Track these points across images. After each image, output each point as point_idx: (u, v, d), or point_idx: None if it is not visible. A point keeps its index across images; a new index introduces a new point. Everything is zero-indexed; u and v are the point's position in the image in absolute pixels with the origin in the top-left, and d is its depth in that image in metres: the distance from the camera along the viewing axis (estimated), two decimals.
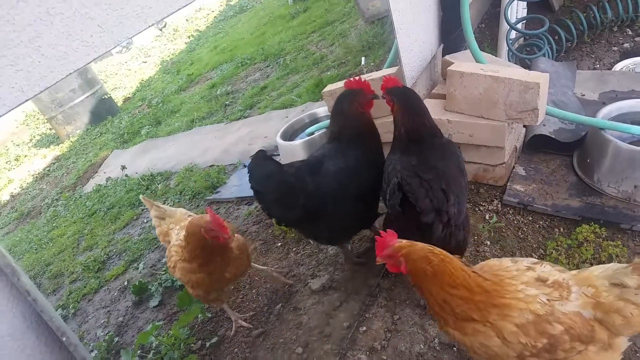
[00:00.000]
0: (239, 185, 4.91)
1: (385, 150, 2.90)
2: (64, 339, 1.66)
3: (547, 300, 1.72)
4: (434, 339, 2.62)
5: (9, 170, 9.64)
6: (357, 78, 2.89)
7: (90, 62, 1.74)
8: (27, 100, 1.58)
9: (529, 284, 1.77)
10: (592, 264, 2.70)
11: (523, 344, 1.69)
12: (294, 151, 4.35)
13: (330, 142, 2.95)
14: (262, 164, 2.82)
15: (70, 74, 1.67)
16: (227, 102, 7.56)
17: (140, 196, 3.49)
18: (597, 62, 4.43)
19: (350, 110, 2.83)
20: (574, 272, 1.85)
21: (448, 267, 1.76)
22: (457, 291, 1.76)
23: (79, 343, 1.70)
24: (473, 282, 1.77)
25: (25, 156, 10.01)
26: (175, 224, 3.15)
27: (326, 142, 2.99)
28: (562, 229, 3.01)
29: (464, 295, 1.75)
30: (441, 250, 1.82)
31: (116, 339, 3.67)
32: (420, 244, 1.84)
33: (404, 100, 2.65)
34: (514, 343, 1.70)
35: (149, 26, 1.87)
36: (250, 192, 4.50)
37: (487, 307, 1.75)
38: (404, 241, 1.86)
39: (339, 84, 3.72)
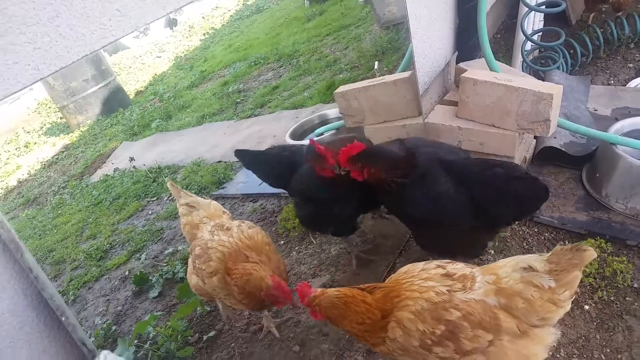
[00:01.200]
0: (245, 182, 4.92)
1: None
2: (63, 318, 1.65)
3: (447, 290, 1.78)
4: None
5: (18, 157, 9.70)
6: (322, 146, 2.77)
7: (107, 45, 1.75)
8: (41, 79, 1.59)
9: (431, 279, 1.85)
10: (595, 279, 2.68)
11: (421, 331, 1.74)
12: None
13: None
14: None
15: (86, 55, 1.68)
16: (238, 100, 7.58)
17: (168, 182, 3.33)
18: (612, 78, 4.41)
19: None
20: (485, 265, 1.93)
21: (352, 308, 1.88)
22: (363, 326, 1.88)
23: (77, 324, 1.70)
24: (375, 307, 1.88)
25: (35, 143, 10.07)
26: (209, 219, 2.94)
27: None
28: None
29: (371, 323, 1.87)
30: (346, 292, 1.93)
31: (114, 327, 3.67)
32: (329, 291, 1.97)
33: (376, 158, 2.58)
34: (413, 330, 1.76)
35: (167, 13, 1.87)
36: (256, 190, 4.58)
37: (389, 312, 1.84)
38: (318, 290, 2.00)
39: (352, 86, 3.74)
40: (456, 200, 2.42)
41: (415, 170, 2.48)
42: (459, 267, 1.90)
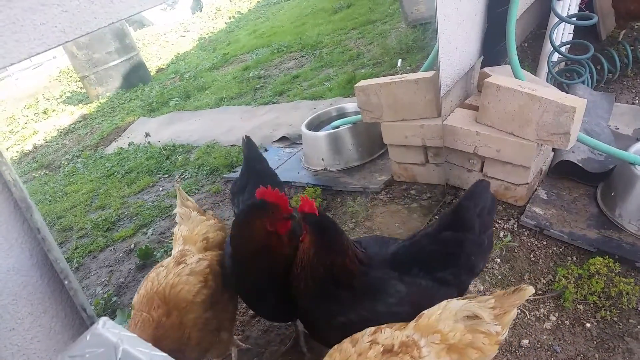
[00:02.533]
0: None
1: None
2: (66, 282, 1.67)
3: None
4: None
5: (35, 122, 9.78)
6: (274, 190, 2.21)
7: (134, 14, 1.74)
8: (66, 42, 1.59)
9: None
10: (600, 298, 2.65)
11: None
12: (317, 142, 4.36)
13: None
14: None
15: (112, 23, 1.68)
16: (257, 86, 7.57)
17: (176, 184, 3.10)
18: (637, 98, 4.33)
19: (253, 226, 2.16)
20: (412, 323, 1.70)
21: None
22: None
23: (79, 289, 1.71)
24: None
25: (54, 111, 10.14)
26: (184, 242, 2.55)
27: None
28: (574, 258, 2.96)
29: None
30: None
31: (114, 298, 3.70)
32: None
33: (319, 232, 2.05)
34: None
35: None
36: None
37: None
38: None
39: (373, 81, 3.71)
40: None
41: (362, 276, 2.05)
42: (389, 336, 1.66)
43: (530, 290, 1.64)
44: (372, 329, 1.72)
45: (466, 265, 2.09)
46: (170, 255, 3.81)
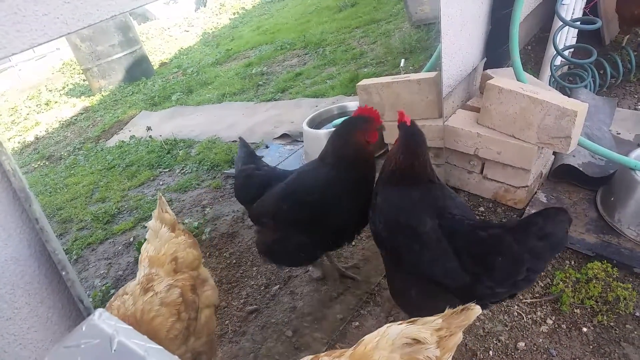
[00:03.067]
0: None
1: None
2: (63, 273, 1.67)
3: None
4: None
5: (37, 113, 9.79)
6: (370, 107, 2.64)
7: (137, 7, 1.74)
8: (68, 34, 1.59)
9: None
10: (597, 303, 2.65)
11: None
12: (318, 139, 4.36)
13: (320, 163, 2.72)
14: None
15: (114, 15, 1.67)
16: (260, 83, 7.58)
17: (159, 193, 2.82)
18: (639, 103, 4.33)
19: (354, 137, 2.58)
20: (349, 351, 1.59)
21: None
22: None
23: (77, 280, 1.71)
24: None
25: (56, 102, 10.15)
26: (148, 263, 2.27)
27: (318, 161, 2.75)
28: (573, 262, 2.96)
29: None
30: None
31: (112, 290, 3.70)
32: None
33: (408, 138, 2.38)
34: None
35: None
36: None
37: None
38: None
39: (375, 80, 3.71)
40: (431, 246, 2.11)
41: (425, 181, 2.32)
42: None
43: (478, 310, 1.49)
44: (310, 357, 1.63)
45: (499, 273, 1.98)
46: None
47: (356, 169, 2.59)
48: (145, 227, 4.31)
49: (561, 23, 3.94)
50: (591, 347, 2.49)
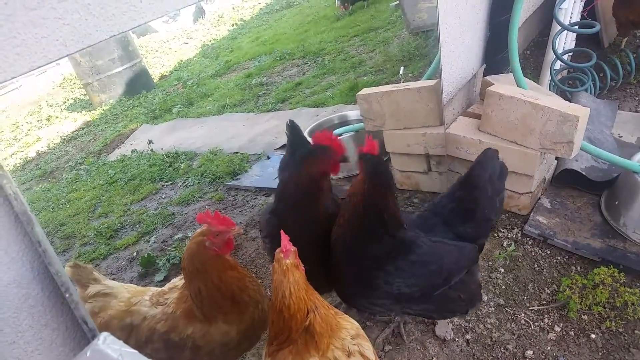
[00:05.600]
0: (260, 175, 4.92)
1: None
2: (67, 295, 1.66)
3: None
4: (432, 358, 2.57)
5: (39, 129, 9.83)
6: (328, 133, 2.38)
7: (135, 27, 1.74)
8: (67, 55, 1.59)
9: None
10: (605, 309, 2.63)
11: None
12: None
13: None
14: None
15: (114, 35, 1.67)
16: (260, 93, 7.59)
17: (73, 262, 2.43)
18: None
19: (304, 171, 2.27)
20: None
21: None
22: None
23: (80, 302, 1.70)
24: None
25: (57, 117, 10.19)
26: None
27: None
28: (579, 268, 2.94)
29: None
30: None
31: None
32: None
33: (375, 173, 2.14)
34: None
35: (199, 0, 1.87)
36: (270, 184, 4.58)
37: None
38: None
39: (375, 89, 3.71)
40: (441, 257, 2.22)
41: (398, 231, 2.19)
42: None
43: None
44: None
45: (482, 218, 2.31)
46: (172, 262, 3.79)
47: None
48: (151, 242, 4.33)
49: (560, 27, 3.94)
50: (600, 353, 2.47)
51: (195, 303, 2.08)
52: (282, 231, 1.77)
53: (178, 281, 2.29)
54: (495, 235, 3.25)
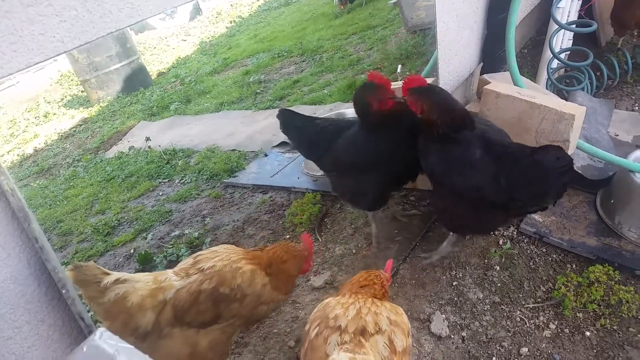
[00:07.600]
0: (257, 172, 4.92)
1: None
2: (63, 291, 1.67)
3: None
4: (428, 355, 2.59)
5: (36, 125, 9.80)
6: (379, 75, 2.80)
7: (133, 24, 1.75)
8: (65, 52, 1.60)
9: None
10: (599, 306, 2.64)
11: None
12: None
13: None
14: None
15: (111, 32, 1.68)
16: (258, 91, 7.59)
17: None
18: (637, 104, 4.34)
19: (367, 102, 2.77)
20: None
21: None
22: None
23: (77, 298, 1.71)
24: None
25: (54, 114, 10.16)
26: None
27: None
28: (574, 266, 2.96)
29: None
30: None
31: None
32: None
33: (433, 97, 2.53)
34: None
35: None
36: (267, 182, 4.59)
37: None
38: None
39: None
40: (482, 173, 2.48)
41: (463, 128, 2.52)
42: None
43: None
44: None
45: (536, 193, 2.45)
46: (170, 259, 3.79)
47: (379, 129, 2.79)
48: (148, 239, 4.33)
49: (557, 26, 3.96)
50: (595, 351, 2.49)
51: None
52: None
53: (192, 259, 2.41)
54: (491, 232, 3.26)
